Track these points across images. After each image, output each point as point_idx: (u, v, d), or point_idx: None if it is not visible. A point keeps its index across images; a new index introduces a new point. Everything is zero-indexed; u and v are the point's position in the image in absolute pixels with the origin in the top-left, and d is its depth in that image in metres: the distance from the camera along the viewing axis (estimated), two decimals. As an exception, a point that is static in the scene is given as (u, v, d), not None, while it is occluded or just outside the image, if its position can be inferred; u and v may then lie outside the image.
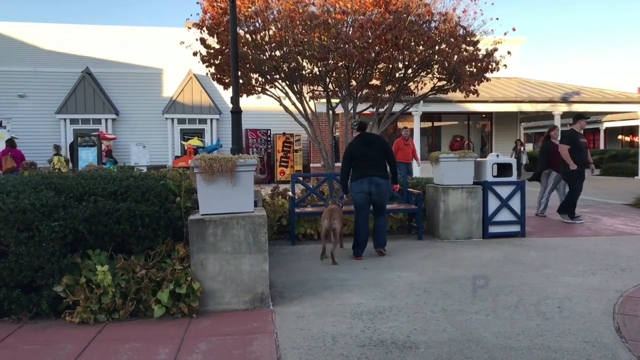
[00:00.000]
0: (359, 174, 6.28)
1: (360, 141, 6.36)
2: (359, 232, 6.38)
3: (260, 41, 9.01)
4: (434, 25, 8.90)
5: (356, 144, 6.35)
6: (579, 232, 7.96)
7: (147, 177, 4.97)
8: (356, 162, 6.30)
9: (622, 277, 5.19)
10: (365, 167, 6.25)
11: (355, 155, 6.30)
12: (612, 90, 21.33)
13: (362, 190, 6.25)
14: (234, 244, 4.33)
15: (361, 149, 6.29)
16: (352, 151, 6.32)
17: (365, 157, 6.26)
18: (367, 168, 6.24)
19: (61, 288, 4.04)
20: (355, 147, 6.32)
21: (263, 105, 18.01)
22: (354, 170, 6.33)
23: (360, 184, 6.25)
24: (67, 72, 20.20)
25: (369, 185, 6.23)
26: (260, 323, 4.01)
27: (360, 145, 6.31)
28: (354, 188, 6.32)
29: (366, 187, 6.24)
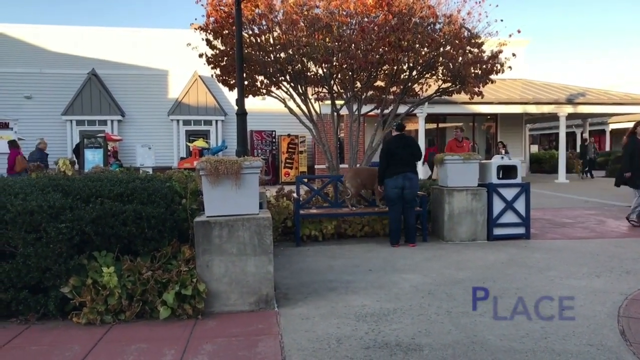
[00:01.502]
0: (394, 171, 6.99)
1: (398, 140, 7.11)
2: (393, 223, 7.07)
3: (264, 43, 9.04)
4: (438, 27, 8.90)
5: (395, 143, 7.09)
6: (584, 234, 7.94)
7: (153, 179, 5.00)
8: (392, 160, 7.00)
9: (627, 280, 5.18)
10: (400, 164, 6.99)
11: (394, 153, 7.00)
12: (617, 92, 21.25)
13: (397, 186, 6.97)
14: (239, 246, 4.36)
15: (399, 148, 7.03)
16: (391, 149, 7.02)
17: (401, 155, 7.01)
18: (402, 165, 7.00)
19: (68, 289, 4.07)
20: (394, 146, 7.05)
21: (268, 106, 18.05)
22: (389, 167, 7.00)
23: (395, 180, 6.97)
24: (73, 74, 20.32)
25: (403, 180, 6.97)
26: (265, 324, 4.03)
27: (398, 144, 7.06)
28: (389, 184, 7.02)
29: (400, 183, 6.96)
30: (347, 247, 7.10)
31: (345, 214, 7.64)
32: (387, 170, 7.05)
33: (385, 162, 7.06)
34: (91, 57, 20.62)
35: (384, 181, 7.10)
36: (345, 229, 7.79)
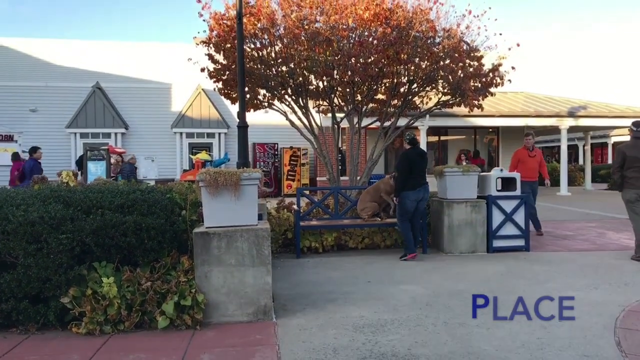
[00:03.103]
0: (415, 183, 7.06)
1: (416, 153, 7.18)
2: (409, 230, 7.10)
3: (266, 57, 9.15)
4: (437, 41, 8.99)
5: (414, 156, 7.13)
6: (584, 246, 7.95)
7: (153, 190, 5.06)
8: (412, 172, 7.05)
9: (625, 292, 5.19)
10: (419, 177, 7.11)
11: (413, 166, 7.06)
12: (619, 105, 21.28)
13: (417, 198, 7.06)
14: (237, 257, 4.40)
15: (417, 160, 7.13)
16: (412, 162, 7.07)
17: (420, 167, 7.13)
18: (421, 177, 7.13)
19: (68, 299, 4.11)
20: (413, 159, 7.10)
21: (270, 119, 18.16)
22: (410, 179, 7.03)
23: (417, 193, 7.05)
24: (78, 87, 20.53)
25: (423, 192, 7.11)
26: (263, 335, 4.06)
27: (417, 157, 7.14)
28: (410, 196, 7.03)
29: (420, 195, 7.08)
30: (347, 259, 7.12)
31: (346, 225, 7.67)
32: (409, 183, 7.02)
33: (407, 173, 7.02)
34: (96, 71, 20.85)
35: (404, 193, 7.03)
36: (346, 241, 7.82)
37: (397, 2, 8.91)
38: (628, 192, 6.88)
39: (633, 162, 6.75)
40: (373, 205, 7.73)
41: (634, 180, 6.77)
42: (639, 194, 6.79)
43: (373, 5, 8.58)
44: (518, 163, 9.25)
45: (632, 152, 6.79)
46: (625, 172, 6.85)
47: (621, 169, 6.88)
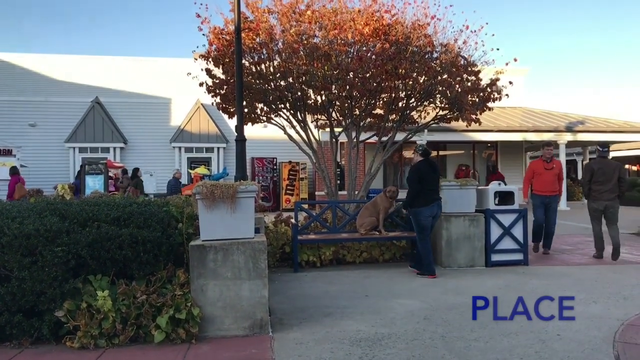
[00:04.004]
0: (429, 198, 6.80)
1: (428, 166, 6.91)
2: (429, 252, 6.85)
3: (265, 71, 9.20)
4: (435, 56, 9.06)
5: (425, 168, 6.86)
6: (582, 260, 7.92)
7: (150, 203, 5.05)
8: (425, 186, 6.78)
9: (624, 306, 5.16)
10: (432, 191, 6.87)
11: (425, 179, 6.79)
12: (617, 120, 21.37)
13: (432, 214, 6.83)
14: (234, 270, 4.37)
15: (429, 173, 6.86)
16: (423, 174, 6.80)
17: (432, 181, 6.88)
18: (434, 192, 6.90)
19: (62, 313, 4.08)
20: (425, 171, 6.83)
21: (269, 133, 18.25)
22: (423, 194, 6.78)
23: (431, 209, 6.80)
24: (77, 102, 20.61)
25: (437, 208, 6.89)
26: (259, 349, 4.02)
27: (429, 169, 6.88)
28: (425, 212, 6.78)
29: (435, 210, 6.86)
30: (345, 273, 7.08)
31: (344, 239, 7.65)
32: (421, 198, 6.76)
33: (418, 186, 6.75)
34: (95, 86, 20.94)
35: (418, 210, 6.78)
36: (344, 255, 7.79)
37: (396, 18, 9.00)
38: (593, 202, 8.05)
39: (599, 177, 7.88)
40: (371, 220, 7.71)
41: (597, 193, 7.94)
42: (601, 204, 7.94)
43: (372, 21, 8.67)
44: (533, 175, 8.67)
45: (599, 169, 7.91)
46: (592, 186, 7.98)
47: (589, 182, 7.98)
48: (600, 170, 7.89)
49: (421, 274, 6.82)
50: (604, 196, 7.88)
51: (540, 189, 8.58)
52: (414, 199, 6.82)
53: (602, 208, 7.95)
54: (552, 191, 8.69)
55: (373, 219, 7.70)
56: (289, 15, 8.87)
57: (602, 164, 7.98)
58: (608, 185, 7.85)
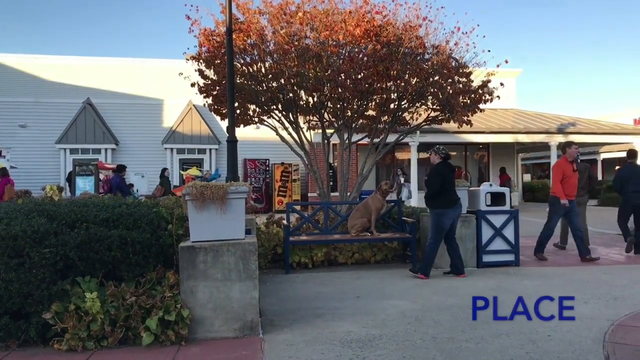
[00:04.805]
0: (453, 200, 6.82)
1: (448, 167, 6.95)
2: (434, 254, 6.83)
3: (256, 73, 9.18)
4: (427, 58, 9.07)
5: (446, 170, 6.89)
6: (573, 261, 7.95)
7: (139, 204, 5.01)
8: (446, 187, 6.78)
9: (614, 306, 5.18)
10: (453, 192, 6.89)
11: (447, 180, 6.80)
12: (607, 122, 21.57)
13: (455, 215, 6.83)
14: (224, 271, 4.34)
15: (450, 175, 6.91)
16: (445, 176, 6.82)
17: (452, 182, 6.92)
18: (455, 193, 6.92)
19: (50, 315, 4.03)
20: (446, 173, 6.86)
21: (262, 135, 18.20)
22: (444, 195, 6.76)
23: (455, 210, 6.80)
24: (68, 103, 20.49)
25: (460, 209, 6.94)
26: (249, 351, 3.99)
27: (449, 171, 6.93)
28: (450, 214, 6.75)
29: (459, 212, 6.90)
30: (336, 274, 7.07)
31: (336, 240, 7.64)
32: (446, 200, 6.72)
33: (440, 187, 6.71)
34: (86, 87, 20.83)
35: (443, 211, 6.70)
36: (336, 256, 7.77)
37: (388, 19, 9.01)
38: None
39: None
40: (363, 222, 7.69)
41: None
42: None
43: (364, 22, 8.66)
44: (563, 178, 8.07)
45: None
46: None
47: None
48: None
49: (414, 272, 6.79)
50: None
51: (568, 193, 8.05)
52: (438, 200, 6.76)
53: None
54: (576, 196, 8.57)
55: (365, 220, 7.69)
56: (280, 16, 8.85)
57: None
58: (579, 184, 8.45)
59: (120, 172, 13.55)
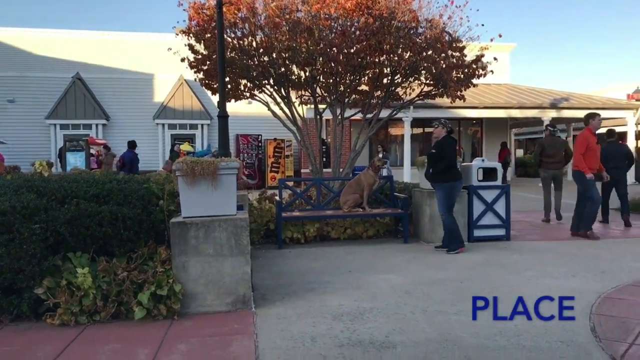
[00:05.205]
0: (460, 173, 6.89)
1: (453, 141, 6.88)
2: (455, 224, 6.79)
3: (247, 47, 9.06)
4: (420, 32, 8.98)
5: (453, 143, 6.84)
6: (563, 235, 8.03)
7: (130, 180, 4.99)
8: (454, 163, 6.73)
9: (602, 279, 5.25)
10: (457, 167, 6.86)
11: (453, 154, 6.76)
12: (600, 97, 21.55)
13: (460, 188, 6.96)
14: (215, 247, 4.35)
15: (455, 148, 6.89)
16: (453, 150, 6.77)
17: (456, 157, 6.86)
18: (457, 167, 6.86)
19: (42, 290, 4.04)
20: (454, 147, 6.83)
21: (254, 110, 18.07)
22: (452, 169, 6.70)
23: (461, 183, 6.90)
24: (58, 78, 20.18)
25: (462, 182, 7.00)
26: (241, 324, 4.03)
27: (454, 144, 6.90)
28: (458, 187, 6.82)
29: (462, 184, 6.99)
30: (328, 250, 7.11)
31: (328, 216, 7.66)
32: (454, 173, 6.70)
33: (454, 161, 6.69)
34: (76, 61, 20.50)
35: (453, 184, 6.69)
36: (328, 232, 7.81)
37: (380, -8, 8.87)
38: (543, 171, 9.72)
39: (548, 152, 9.49)
40: (355, 197, 7.71)
41: (547, 164, 9.55)
42: (549, 173, 9.59)
43: (356, -6, 8.53)
44: (586, 150, 7.66)
45: (548, 144, 9.56)
46: (542, 158, 9.55)
47: (540, 155, 9.55)
48: (550, 146, 9.52)
49: (453, 250, 6.67)
50: (552, 166, 9.52)
51: (592, 165, 7.71)
52: (449, 174, 6.68)
53: (551, 176, 9.57)
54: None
55: (357, 196, 7.71)
56: (271, -12, 8.71)
57: (551, 140, 9.64)
58: (556, 158, 9.48)
59: (132, 148, 13.83)
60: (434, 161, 6.77)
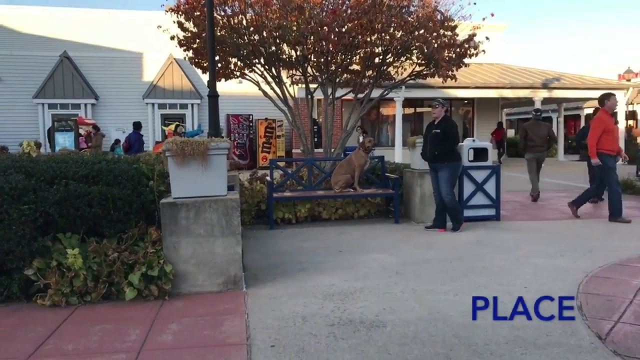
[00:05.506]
0: (459, 154, 7.06)
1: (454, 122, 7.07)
2: (459, 205, 7.08)
3: (237, 25, 8.93)
4: (412, 10, 8.90)
5: (456, 124, 7.02)
6: (553, 215, 8.11)
7: (119, 160, 4.95)
8: (458, 142, 6.93)
9: (589, 258, 5.32)
10: None
11: (458, 135, 6.98)
12: (591, 77, 21.56)
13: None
14: (206, 227, 4.35)
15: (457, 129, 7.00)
16: (457, 129, 6.97)
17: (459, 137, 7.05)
18: None
19: (32, 271, 4.03)
20: (457, 127, 7.00)
21: (245, 90, 17.87)
22: (456, 148, 6.90)
23: (461, 163, 7.09)
24: (45, 56, 19.86)
25: None
26: (233, 304, 4.05)
27: (457, 125, 7.05)
28: (460, 166, 7.03)
29: None
30: (320, 230, 7.14)
31: (320, 196, 7.67)
32: (458, 152, 6.97)
33: (457, 142, 6.90)
34: (63, 39, 20.16)
35: (459, 164, 6.91)
36: (320, 212, 7.82)
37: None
38: (528, 154, 10.05)
39: (532, 135, 9.88)
40: (346, 178, 7.71)
41: (531, 147, 9.92)
42: (533, 156, 9.94)
43: (347, -28, 8.42)
44: (603, 133, 7.26)
45: (532, 128, 9.96)
46: (527, 142, 9.95)
47: (525, 139, 9.97)
48: (533, 130, 9.91)
49: (456, 229, 6.82)
50: (536, 149, 9.90)
51: (610, 148, 7.30)
52: (454, 154, 6.85)
53: (535, 158, 9.94)
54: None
55: (348, 177, 7.71)
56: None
57: (535, 125, 10.06)
58: (539, 142, 9.87)
59: (138, 129, 14.09)
60: (439, 141, 6.75)
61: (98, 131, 17.28)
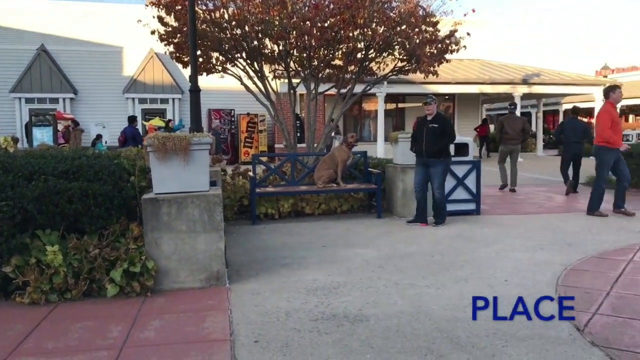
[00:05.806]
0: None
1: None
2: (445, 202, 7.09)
3: (219, 19, 8.86)
4: (394, 6, 8.92)
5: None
6: (532, 209, 8.23)
7: (100, 156, 4.89)
8: (454, 138, 7.06)
9: (568, 252, 5.41)
10: None
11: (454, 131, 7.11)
12: (570, 73, 21.86)
13: None
14: (188, 223, 4.33)
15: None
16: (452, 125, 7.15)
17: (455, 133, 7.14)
18: None
19: (10, 269, 3.96)
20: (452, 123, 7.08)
21: (227, 84, 17.69)
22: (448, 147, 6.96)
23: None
24: (21, 49, 19.42)
25: None
26: (215, 300, 4.04)
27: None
28: (450, 163, 7.07)
29: None
30: (303, 225, 7.14)
31: (303, 191, 7.67)
32: (449, 149, 6.99)
33: (454, 138, 7.01)
34: (41, 32, 19.72)
35: (450, 160, 6.99)
36: (303, 207, 7.82)
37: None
38: (503, 146, 10.49)
39: (507, 128, 10.33)
40: (329, 173, 7.72)
41: (506, 140, 10.40)
42: (509, 148, 10.37)
43: (329, -33, 8.40)
44: (612, 124, 7.13)
45: (508, 122, 10.44)
46: (503, 135, 10.39)
47: (501, 132, 10.47)
48: (509, 124, 10.35)
49: (440, 224, 6.90)
50: (510, 142, 10.33)
51: (616, 141, 7.17)
52: (448, 150, 6.95)
53: (509, 150, 10.36)
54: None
55: (331, 172, 7.72)
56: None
57: (510, 118, 10.50)
58: (514, 135, 10.27)
59: (133, 123, 13.81)
60: (438, 137, 6.79)
61: (77, 126, 17.02)
